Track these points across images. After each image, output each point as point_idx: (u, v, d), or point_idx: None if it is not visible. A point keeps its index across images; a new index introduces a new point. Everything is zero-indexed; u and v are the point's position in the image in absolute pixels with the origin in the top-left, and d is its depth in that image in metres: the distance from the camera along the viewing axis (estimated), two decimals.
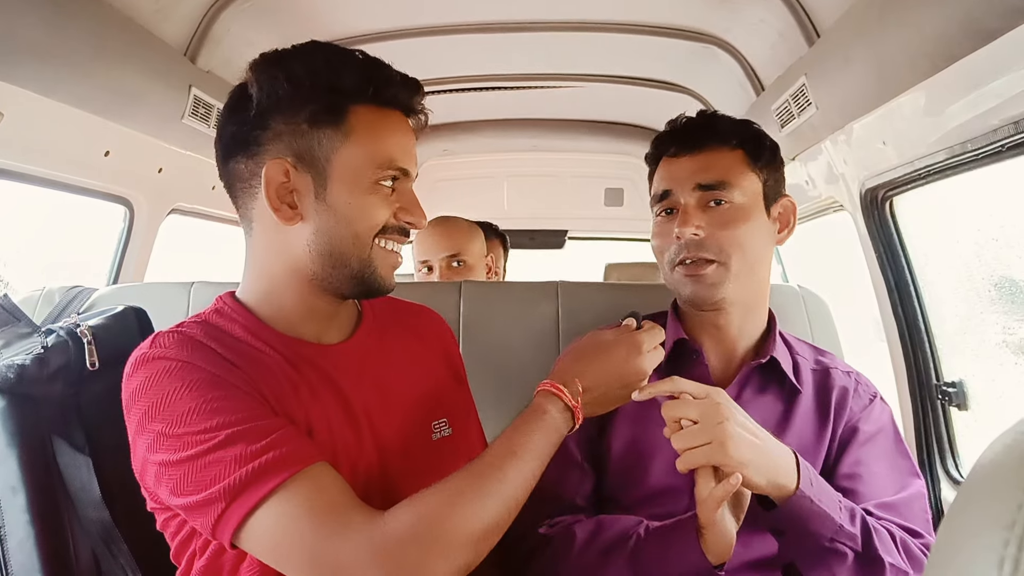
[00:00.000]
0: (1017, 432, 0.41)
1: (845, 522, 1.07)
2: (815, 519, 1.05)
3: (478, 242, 2.26)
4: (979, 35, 1.16)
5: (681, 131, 1.30)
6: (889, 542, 1.10)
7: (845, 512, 1.08)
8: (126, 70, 1.65)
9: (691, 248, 1.22)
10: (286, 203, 1.00)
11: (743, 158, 1.26)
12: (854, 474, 1.20)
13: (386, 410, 1.08)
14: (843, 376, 1.30)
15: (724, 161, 1.25)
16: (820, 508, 1.05)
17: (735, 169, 1.24)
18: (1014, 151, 1.34)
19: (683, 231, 1.22)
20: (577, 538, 1.16)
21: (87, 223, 2.49)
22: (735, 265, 1.22)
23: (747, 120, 1.33)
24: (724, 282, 1.22)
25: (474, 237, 2.25)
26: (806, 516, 1.05)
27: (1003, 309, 1.81)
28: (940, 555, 0.41)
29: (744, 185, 1.24)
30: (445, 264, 2.19)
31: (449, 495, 0.90)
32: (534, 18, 2.18)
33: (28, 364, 1.15)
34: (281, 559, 0.88)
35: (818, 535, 1.06)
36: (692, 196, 1.24)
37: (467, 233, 2.24)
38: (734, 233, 1.22)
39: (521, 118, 3.25)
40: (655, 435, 1.23)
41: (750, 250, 1.23)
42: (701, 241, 1.22)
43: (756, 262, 1.25)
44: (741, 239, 1.22)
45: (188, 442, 0.88)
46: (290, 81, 0.99)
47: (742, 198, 1.23)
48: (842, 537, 1.06)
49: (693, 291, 1.24)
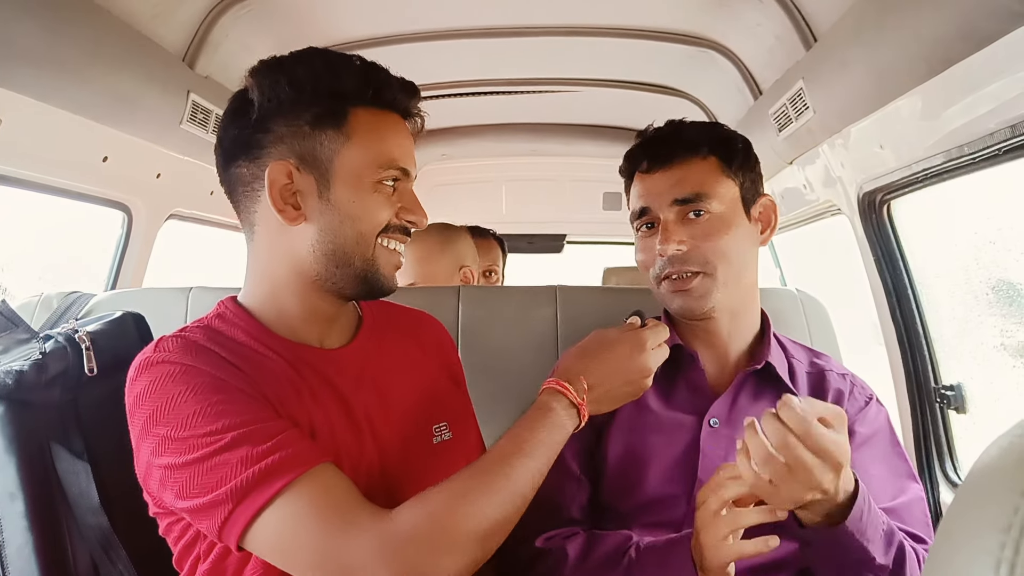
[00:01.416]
0: (1014, 435, 0.41)
1: (879, 555, 1.02)
2: (852, 551, 1.01)
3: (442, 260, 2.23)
4: (976, 39, 1.16)
5: (651, 144, 1.28)
6: (915, 566, 1.06)
7: (883, 542, 1.03)
8: (124, 75, 1.65)
9: (675, 263, 1.22)
10: (290, 204, 1.01)
11: (717, 165, 1.24)
12: None
13: (386, 414, 1.09)
14: (838, 379, 1.30)
15: (698, 172, 1.23)
16: (859, 543, 1.00)
17: (710, 178, 1.23)
18: (1011, 154, 1.34)
19: (665, 248, 1.21)
20: (569, 556, 1.16)
21: (84, 226, 2.49)
22: (721, 274, 1.21)
23: (716, 123, 1.33)
24: (711, 292, 1.22)
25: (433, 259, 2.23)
26: (843, 546, 1.00)
27: (1001, 312, 1.81)
28: (937, 558, 0.41)
29: (721, 193, 1.23)
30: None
31: (456, 492, 0.91)
32: (532, 23, 2.18)
33: (26, 370, 1.15)
34: (288, 560, 0.88)
35: (848, 564, 1.02)
36: (671, 211, 1.23)
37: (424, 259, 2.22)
38: (717, 244, 1.21)
39: (519, 122, 3.25)
40: (652, 443, 1.23)
41: (735, 257, 1.22)
42: (685, 255, 1.21)
43: (742, 268, 1.25)
44: (724, 248, 1.21)
45: (193, 445, 0.88)
46: (292, 85, 1.00)
47: (720, 207, 1.22)
48: (873, 569, 1.02)
49: (681, 304, 1.23)
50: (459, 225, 2.35)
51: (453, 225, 2.34)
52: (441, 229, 2.30)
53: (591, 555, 1.15)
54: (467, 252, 2.30)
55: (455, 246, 2.28)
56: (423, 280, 2.20)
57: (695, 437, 1.23)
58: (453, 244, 2.28)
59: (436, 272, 2.21)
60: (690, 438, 1.23)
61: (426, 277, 2.20)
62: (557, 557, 1.17)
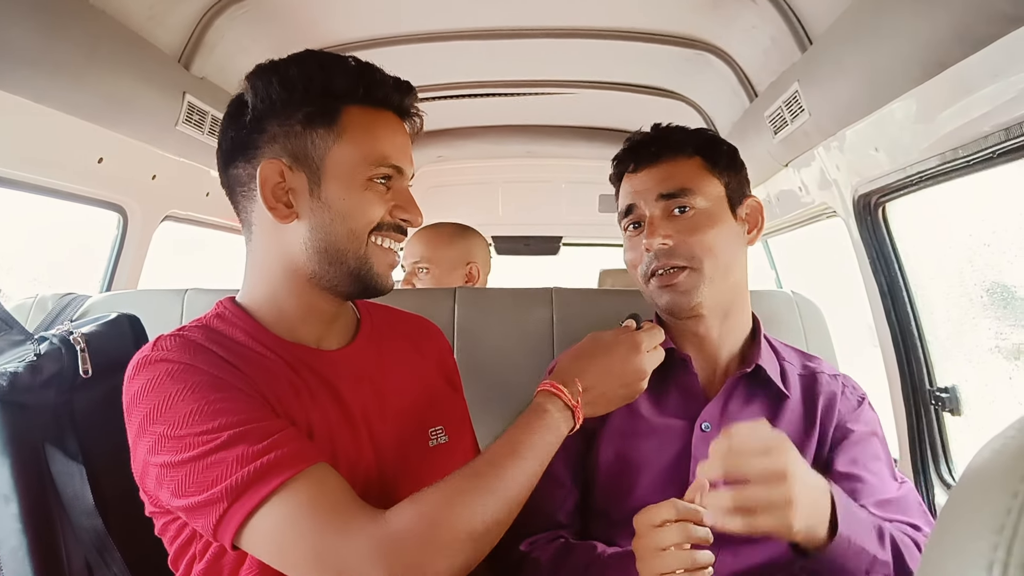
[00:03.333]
0: (1007, 437, 0.41)
1: (878, 551, 1.03)
2: (852, 557, 1.01)
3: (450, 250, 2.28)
4: (971, 42, 1.16)
5: (638, 146, 1.31)
6: (914, 549, 1.07)
7: (875, 536, 1.04)
8: (120, 77, 1.65)
9: (662, 257, 1.22)
10: (282, 202, 1.02)
11: (701, 164, 1.26)
12: (852, 474, 1.19)
13: (384, 416, 1.09)
14: (830, 380, 1.30)
15: (683, 169, 1.26)
16: (857, 545, 1.01)
17: (695, 175, 1.25)
18: (1005, 157, 1.35)
19: (651, 242, 1.22)
20: (543, 564, 1.18)
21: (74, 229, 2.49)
22: (708, 269, 1.22)
23: (701, 128, 1.35)
24: (698, 287, 1.22)
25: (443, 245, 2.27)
26: (843, 556, 1.01)
27: (995, 314, 1.82)
28: (931, 559, 0.41)
29: (706, 190, 1.25)
30: (412, 270, 2.26)
31: (450, 493, 0.91)
32: (528, 25, 2.18)
33: (21, 372, 1.15)
34: (283, 559, 0.88)
35: (854, 572, 1.02)
36: (656, 207, 1.24)
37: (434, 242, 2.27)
38: (702, 238, 1.22)
39: (515, 124, 3.25)
40: (643, 449, 1.23)
41: (721, 253, 1.23)
42: (671, 249, 1.22)
43: (728, 265, 1.25)
44: (710, 243, 1.22)
45: (190, 443, 0.88)
46: (284, 85, 1.01)
47: (705, 203, 1.24)
48: (877, 568, 1.03)
49: (669, 300, 1.24)
50: None
51: (472, 227, 2.37)
52: (458, 224, 2.34)
53: (562, 564, 1.16)
54: (478, 251, 2.32)
55: (467, 242, 2.31)
56: (425, 263, 2.23)
57: (687, 442, 1.23)
58: (465, 239, 2.31)
59: (441, 258, 2.24)
60: (682, 443, 1.23)
61: (430, 261, 2.23)
62: (533, 565, 1.19)
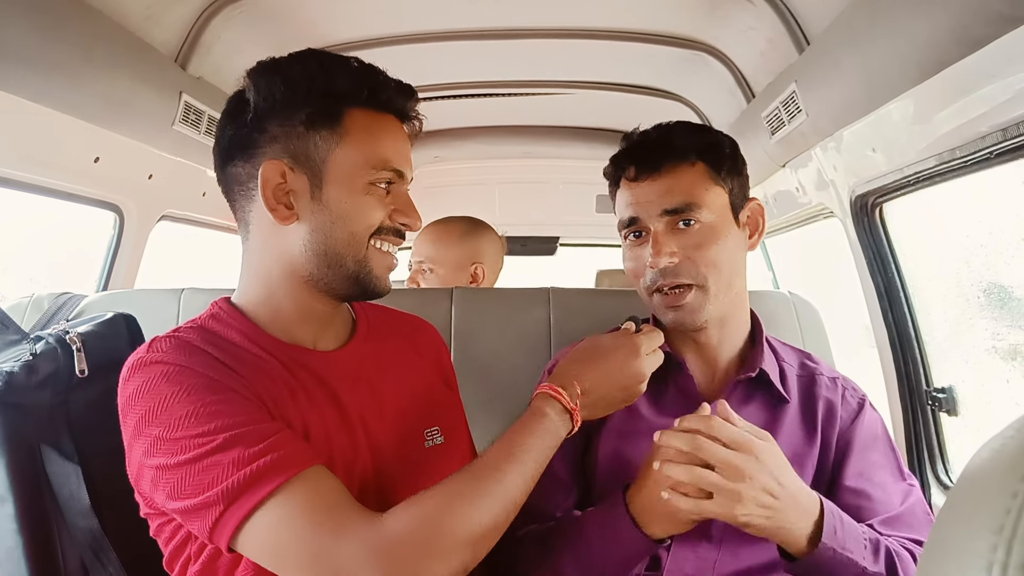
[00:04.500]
0: (1005, 437, 0.41)
1: (869, 564, 1.04)
2: (839, 567, 1.02)
3: (457, 249, 2.17)
4: (968, 42, 1.16)
5: (638, 150, 1.26)
6: (910, 562, 1.08)
7: (869, 551, 1.05)
8: (116, 76, 1.65)
9: (667, 275, 1.20)
10: (282, 203, 1.01)
11: (705, 172, 1.22)
12: (860, 490, 1.18)
13: (380, 416, 1.09)
14: (829, 382, 1.29)
15: (686, 180, 1.21)
16: (844, 556, 1.02)
17: (699, 187, 1.21)
18: (1002, 158, 1.35)
19: (657, 260, 1.19)
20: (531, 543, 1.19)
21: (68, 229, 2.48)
22: (713, 286, 1.20)
23: (702, 127, 1.32)
24: (704, 305, 1.20)
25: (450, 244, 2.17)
26: (829, 565, 1.02)
27: (992, 315, 1.82)
28: (930, 560, 0.41)
29: (711, 201, 1.21)
30: (417, 269, 2.17)
31: (447, 496, 0.91)
32: (525, 25, 2.18)
33: (16, 371, 1.14)
34: (279, 562, 0.88)
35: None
36: (660, 222, 1.20)
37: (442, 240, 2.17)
38: (707, 254, 1.19)
39: (512, 125, 3.25)
40: (641, 448, 1.22)
41: (725, 267, 1.21)
42: (676, 267, 1.19)
43: (732, 276, 1.23)
44: (715, 258, 1.19)
45: (185, 446, 0.88)
46: (287, 85, 1.01)
47: (711, 216, 1.20)
48: None
49: (675, 318, 1.22)
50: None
51: (485, 223, 2.27)
52: (470, 220, 2.23)
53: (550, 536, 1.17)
54: (486, 251, 2.21)
55: (476, 240, 2.20)
56: (430, 263, 2.14)
57: None
58: (474, 238, 2.20)
59: (447, 258, 2.15)
60: None
61: (435, 261, 2.15)
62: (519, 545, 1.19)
